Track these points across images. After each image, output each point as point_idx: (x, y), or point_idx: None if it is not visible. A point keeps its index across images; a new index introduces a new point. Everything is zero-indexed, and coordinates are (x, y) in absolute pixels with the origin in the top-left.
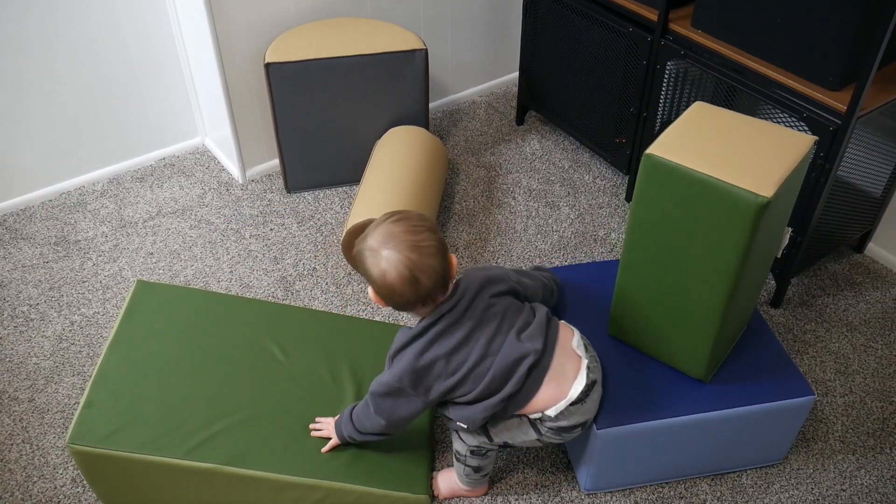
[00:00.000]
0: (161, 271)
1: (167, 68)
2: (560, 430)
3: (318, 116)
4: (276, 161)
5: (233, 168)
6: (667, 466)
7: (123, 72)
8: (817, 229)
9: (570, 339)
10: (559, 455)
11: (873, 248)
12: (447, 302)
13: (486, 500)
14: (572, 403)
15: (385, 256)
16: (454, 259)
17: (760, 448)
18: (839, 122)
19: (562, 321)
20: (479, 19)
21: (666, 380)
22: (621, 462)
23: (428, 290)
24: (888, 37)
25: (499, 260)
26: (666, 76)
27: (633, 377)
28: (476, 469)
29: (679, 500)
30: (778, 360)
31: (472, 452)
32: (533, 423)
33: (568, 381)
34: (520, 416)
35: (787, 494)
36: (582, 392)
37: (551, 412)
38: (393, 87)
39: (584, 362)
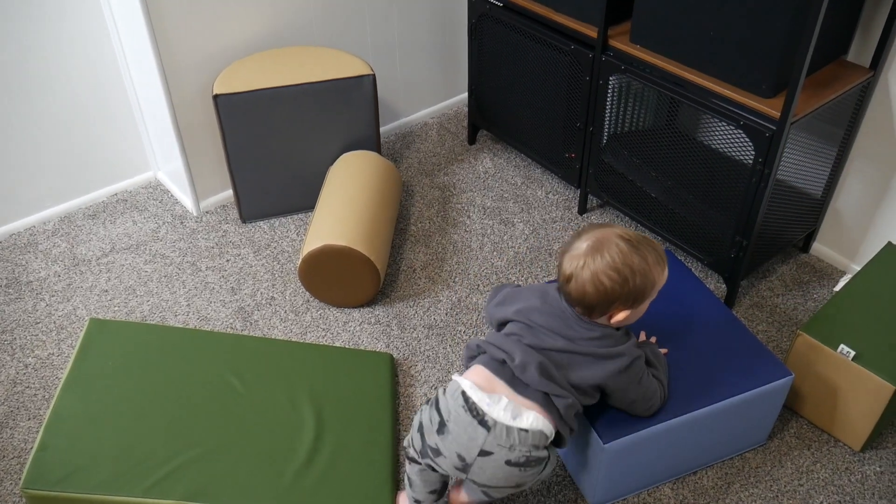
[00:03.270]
0: (116, 308)
1: (115, 103)
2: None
3: (269, 145)
4: (230, 191)
5: (186, 201)
6: (665, 467)
7: (70, 108)
8: (762, 232)
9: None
10: (560, 471)
11: (818, 248)
12: None
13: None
14: (465, 404)
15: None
16: None
17: (747, 433)
18: (774, 128)
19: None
20: (425, 42)
21: None
22: (627, 471)
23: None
24: (813, 45)
25: (456, 279)
26: (609, 91)
27: None
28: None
29: None
30: (750, 346)
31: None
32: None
33: (495, 389)
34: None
35: (746, 493)
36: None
37: (455, 385)
38: (343, 112)
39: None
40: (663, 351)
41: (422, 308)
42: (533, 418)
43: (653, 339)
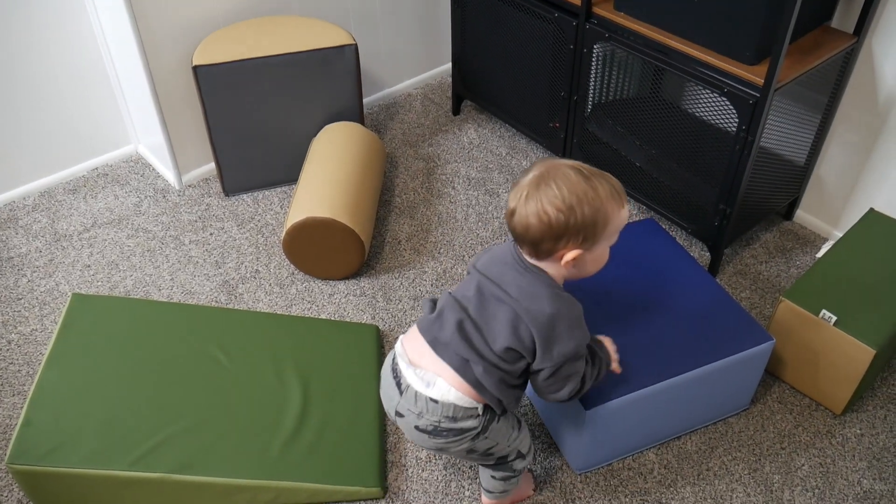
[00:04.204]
0: (99, 283)
1: (93, 76)
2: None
3: (251, 117)
4: (213, 165)
5: (168, 174)
6: (649, 433)
7: (47, 82)
8: (746, 199)
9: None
10: (544, 438)
11: (801, 215)
12: None
13: (481, 494)
14: (391, 363)
15: None
16: None
17: (730, 398)
18: (758, 95)
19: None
20: (408, 11)
21: (633, 351)
22: (610, 437)
23: None
24: (797, 11)
25: (441, 250)
26: (594, 59)
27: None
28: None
29: (627, 472)
30: (733, 313)
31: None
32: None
33: (418, 350)
34: None
35: (729, 457)
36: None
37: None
38: (325, 83)
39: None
40: (614, 361)
41: (407, 279)
42: (444, 389)
43: (606, 341)
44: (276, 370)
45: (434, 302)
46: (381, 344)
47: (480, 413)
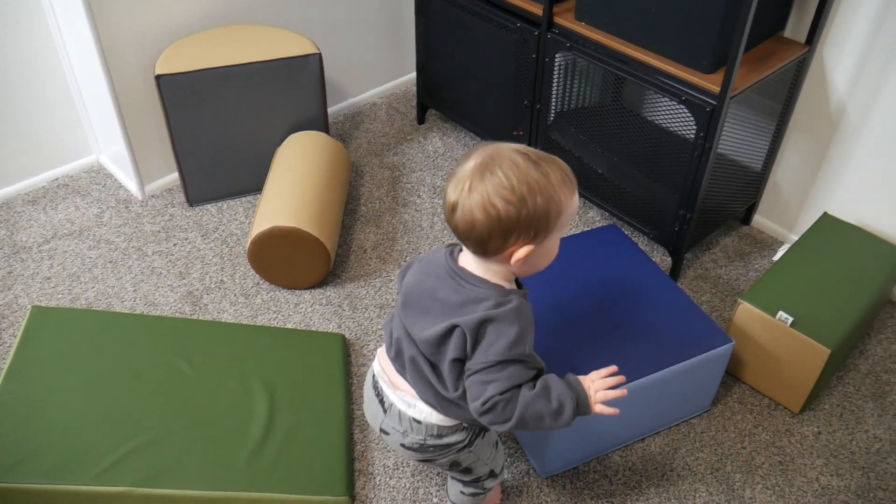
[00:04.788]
0: (60, 296)
1: (52, 84)
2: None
3: (215, 127)
4: (176, 175)
5: (130, 184)
6: (614, 436)
7: (4, 90)
8: (705, 205)
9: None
10: (510, 443)
11: (759, 220)
12: None
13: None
14: (372, 380)
15: None
16: None
17: (692, 399)
18: (714, 103)
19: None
20: (373, 21)
21: (596, 355)
22: (576, 440)
23: None
24: (750, 21)
25: (407, 258)
26: (556, 68)
27: (562, 356)
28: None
29: (593, 474)
30: (693, 316)
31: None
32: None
33: (400, 383)
34: None
35: (692, 457)
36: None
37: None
38: (289, 93)
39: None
40: (596, 403)
41: (373, 288)
42: (426, 412)
43: (593, 376)
44: (242, 380)
45: (391, 332)
46: (347, 353)
47: (466, 426)
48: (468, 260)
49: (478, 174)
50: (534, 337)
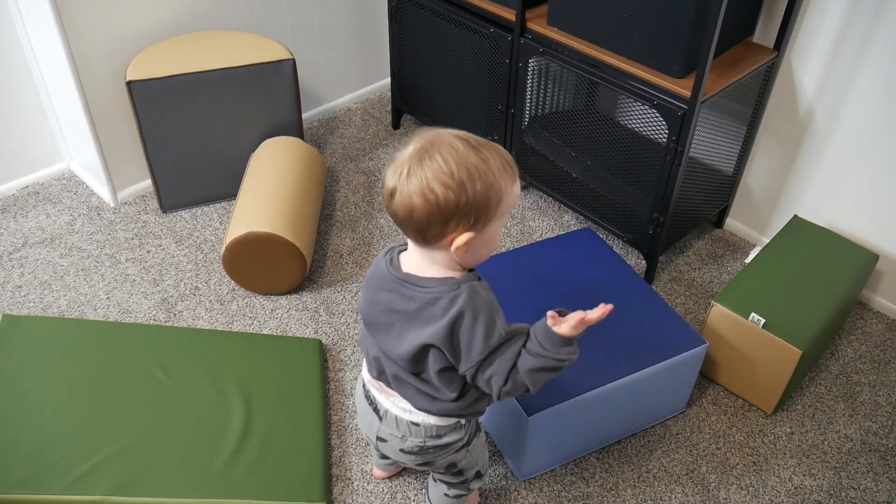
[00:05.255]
0: (31, 304)
1: (21, 91)
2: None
3: (188, 133)
4: (149, 181)
5: (103, 191)
6: (590, 438)
7: None
8: (678, 208)
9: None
10: (488, 446)
11: (731, 223)
12: None
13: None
14: (363, 389)
15: None
16: None
17: (667, 401)
18: (685, 107)
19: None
20: (346, 27)
21: None
22: (552, 443)
23: None
24: (719, 27)
25: None
26: (529, 73)
27: None
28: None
29: (570, 477)
30: (667, 318)
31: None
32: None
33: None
34: None
35: (668, 458)
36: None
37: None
38: (263, 98)
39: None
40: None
41: (349, 293)
42: (423, 414)
43: (571, 319)
44: (217, 386)
45: (367, 350)
46: (324, 358)
47: (464, 423)
48: (410, 262)
49: (416, 159)
50: (502, 311)
